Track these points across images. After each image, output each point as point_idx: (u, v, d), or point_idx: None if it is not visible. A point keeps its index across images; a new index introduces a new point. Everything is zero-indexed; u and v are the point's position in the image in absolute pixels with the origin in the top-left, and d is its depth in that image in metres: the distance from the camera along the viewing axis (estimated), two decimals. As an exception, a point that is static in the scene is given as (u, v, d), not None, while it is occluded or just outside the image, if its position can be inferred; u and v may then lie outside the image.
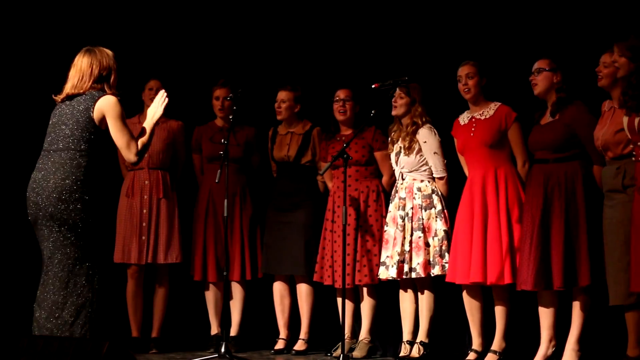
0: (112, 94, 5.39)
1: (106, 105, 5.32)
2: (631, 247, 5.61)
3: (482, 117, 6.57)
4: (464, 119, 6.68)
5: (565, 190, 6.12)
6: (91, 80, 5.41)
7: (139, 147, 5.37)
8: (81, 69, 5.43)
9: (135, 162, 5.39)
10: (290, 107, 7.30)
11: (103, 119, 5.34)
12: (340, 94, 7.14)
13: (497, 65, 6.80)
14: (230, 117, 7.09)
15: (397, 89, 6.74)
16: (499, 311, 6.49)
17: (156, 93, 7.29)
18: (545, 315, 6.28)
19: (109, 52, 5.49)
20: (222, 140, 6.99)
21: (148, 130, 5.45)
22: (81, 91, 5.40)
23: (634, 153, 5.67)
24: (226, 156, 6.91)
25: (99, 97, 5.35)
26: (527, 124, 6.53)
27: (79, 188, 5.30)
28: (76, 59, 5.48)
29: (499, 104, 6.58)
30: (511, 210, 6.40)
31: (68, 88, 5.44)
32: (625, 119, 5.70)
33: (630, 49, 5.64)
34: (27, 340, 4.73)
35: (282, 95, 7.31)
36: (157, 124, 5.53)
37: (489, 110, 6.57)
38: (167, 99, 5.52)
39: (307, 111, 7.41)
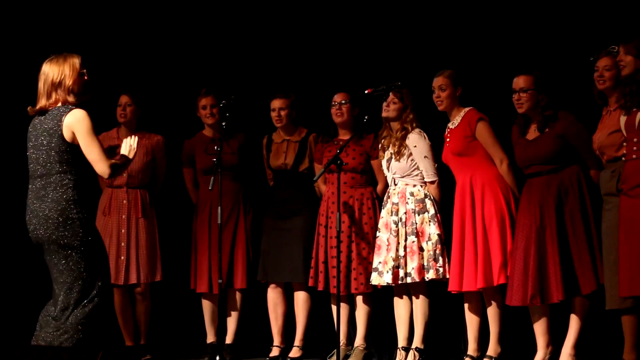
0: (79, 107, 5.31)
1: (74, 122, 5.24)
2: (619, 251, 5.60)
3: (453, 126, 6.57)
4: (447, 127, 6.67)
5: (572, 195, 6.07)
6: (59, 91, 5.32)
7: (114, 162, 5.33)
8: (47, 79, 5.34)
9: (109, 175, 5.32)
10: (289, 114, 7.27)
11: (74, 135, 5.27)
12: (337, 97, 7.11)
13: (483, 72, 6.81)
14: (223, 124, 7.06)
15: (391, 94, 6.73)
16: (492, 314, 6.48)
17: (123, 109, 7.27)
18: (538, 323, 6.26)
19: (76, 58, 5.37)
20: (216, 148, 6.95)
21: (124, 159, 5.47)
22: (51, 103, 5.32)
23: (624, 152, 5.68)
24: (219, 164, 6.87)
25: (65, 114, 5.27)
26: (505, 120, 6.48)
27: (74, 208, 5.27)
28: (42, 69, 5.38)
29: (469, 109, 6.54)
30: (487, 214, 6.37)
31: (41, 100, 5.37)
32: (623, 119, 5.70)
33: (637, 48, 5.67)
34: (21, 350, 4.73)
35: (278, 103, 7.27)
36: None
37: (459, 118, 6.56)
38: (135, 148, 5.52)
39: (299, 118, 7.39)
